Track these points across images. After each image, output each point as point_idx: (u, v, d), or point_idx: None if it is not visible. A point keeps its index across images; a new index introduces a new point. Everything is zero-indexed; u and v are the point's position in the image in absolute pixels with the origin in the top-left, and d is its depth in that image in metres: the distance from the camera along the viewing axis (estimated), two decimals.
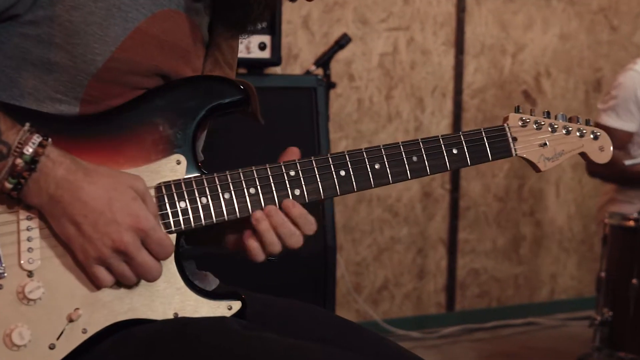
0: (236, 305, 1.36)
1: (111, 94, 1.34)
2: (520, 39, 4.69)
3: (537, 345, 4.40)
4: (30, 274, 1.27)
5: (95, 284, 1.28)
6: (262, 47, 2.93)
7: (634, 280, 3.08)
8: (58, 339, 1.27)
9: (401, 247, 4.49)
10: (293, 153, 1.42)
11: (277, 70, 3.50)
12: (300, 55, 4.16)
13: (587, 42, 4.88)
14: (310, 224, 1.38)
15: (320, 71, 3.43)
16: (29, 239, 1.27)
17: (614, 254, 3.23)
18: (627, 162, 3.20)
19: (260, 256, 1.38)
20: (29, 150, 1.23)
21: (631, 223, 3.15)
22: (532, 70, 4.74)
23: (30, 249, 1.27)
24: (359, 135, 4.32)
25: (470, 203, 4.67)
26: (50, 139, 1.25)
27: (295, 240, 1.38)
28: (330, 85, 3.39)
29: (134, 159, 1.33)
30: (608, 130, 2.37)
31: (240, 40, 1.55)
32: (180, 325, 1.31)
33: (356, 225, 4.35)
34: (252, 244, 1.37)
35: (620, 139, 3.45)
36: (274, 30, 2.95)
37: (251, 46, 2.92)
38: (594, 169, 3.59)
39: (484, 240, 4.72)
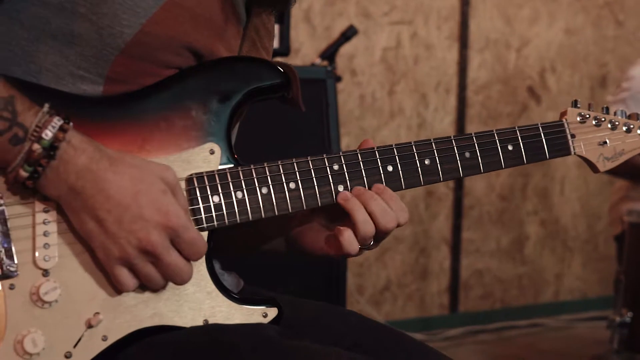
0: (272, 312, 1.24)
1: (139, 72, 1.21)
2: (525, 33, 4.59)
3: (543, 347, 4.32)
4: (45, 273, 1.14)
5: (119, 288, 1.15)
6: None
7: None
8: (75, 346, 1.14)
9: (404, 247, 4.38)
10: (367, 144, 1.31)
11: (285, 59, 3.38)
12: (301, 50, 4.04)
13: (592, 37, 4.79)
14: (403, 210, 1.27)
15: (325, 64, 3.31)
16: (45, 234, 1.14)
17: (633, 253, 3.13)
18: None
19: (353, 245, 1.24)
20: (48, 134, 1.09)
21: None
22: (537, 65, 4.65)
23: (46, 245, 1.13)
24: (361, 132, 4.20)
25: (474, 202, 4.57)
26: (71, 123, 1.11)
27: (390, 219, 1.25)
28: (337, 78, 3.27)
29: (163, 146, 1.20)
30: None
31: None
32: (214, 332, 1.18)
33: None
34: (344, 234, 1.23)
35: None
36: (283, 19, 2.82)
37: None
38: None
39: (487, 240, 4.63)
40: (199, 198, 1.20)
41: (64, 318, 1.14)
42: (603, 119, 1.43)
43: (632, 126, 1.45)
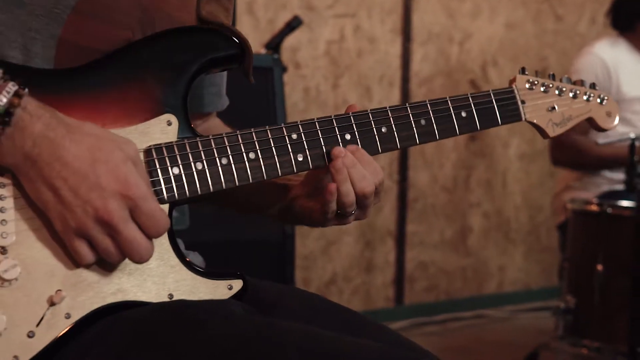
0: (237, 284, 1.21)
1: (90, 33, 1.18)
2: (467, 27, 4.63)
3: (487, 338, 4.36)
4: (3, 250, 1.09)
5: (77, 261, 1.11)
6: None
7: (599, 266, 3.02)
8: (38, 325, 1.10)
9: (350, 240, 4.38)
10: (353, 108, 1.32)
11: None
12: None
13: (533, 31, 4.86)
14: (378, 173, 1.28)
15: (270, 54, 3.28)
16: (1, 210, 1.09)
17: (577, 240, 3.17)
18: (601, 141, 3.14)
19: (333, 206, 1.26)
20: (2, 100, 1.04)
21: (594, 207, 3.09)
22: (478, 59, 4.69)
23: (3, 222, 1.09)
24: None
25: (418, 194, 4.59)
26: (27, 89, 1.07)
27: (366, 183, 1.25)
28: (284, 68, 3.25)
29: (120, 119, 1.16)
30: None
31: None
32: (180, 308, 1.14)
33: None
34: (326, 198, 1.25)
35: (583, 124, 3.38)
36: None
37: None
38: (559, 158, 3.51)
39: (431, 232, 4.65)
40: (159, 170, 1.17)
41: (25, 296, 1.09)
42: (550, 85, 1.44)
43: (577, 92, 1.47)
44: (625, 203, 3.05)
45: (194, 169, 1.19)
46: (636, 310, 2.90)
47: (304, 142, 1.25)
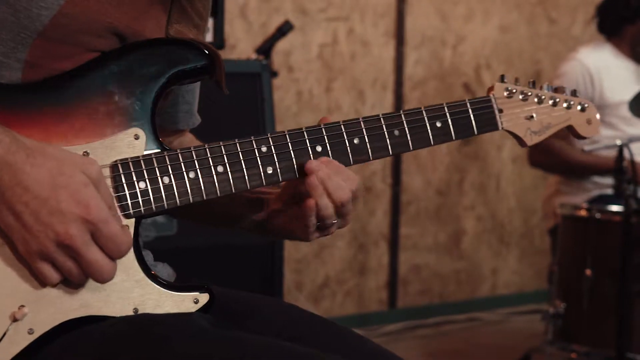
0: (203, 298, 1.21)
1: (59, 55, 1.17)
2: (461, 30, 4.63)
3: (481, 341, 4.36)
4: None
5: (42, 282, 1.12)
6: None
7: (588, 271, 3.03)
8: (0, 341, 1.10)
9: (342, 244, 4.38)
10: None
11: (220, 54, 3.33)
12: (237, 46, 4.01)
13: (526, 34, 4.85)
14: (352, 180, 1.27)
15: (261, 59, 3.28)
16: None
17: (566, 245, 3.18)
18: (587, 148, 3.15)
19: (313, 220, 1.25)
20: None
21: (583, 212, 3.09)
22: (472, 62, 4.69)
23: None
24: None
25: (412, 197, 4.59)
26: None
27: (343, 192, 1.25)
28: (273, 73, 3.25)
29: (86, 133, 1.16)
30: None
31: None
32: (144, 323, 1.15)
33: None
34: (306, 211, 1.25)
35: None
36: (216, 11, 2.79)
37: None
38: (536, 159, 3.54)
39: (425, 235, 4.65)
40: (125, 184, 1.17)
41: None
42: (529, 93, 1.43)
43: (557, 100, 1.45)
44: (614, 208, 3.06)
45: (160, 183, 1.19)
46: (624, 315, 2.91)
47: (274, 154, 1.25)
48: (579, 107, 1.47)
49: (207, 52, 1.24)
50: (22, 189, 1.07)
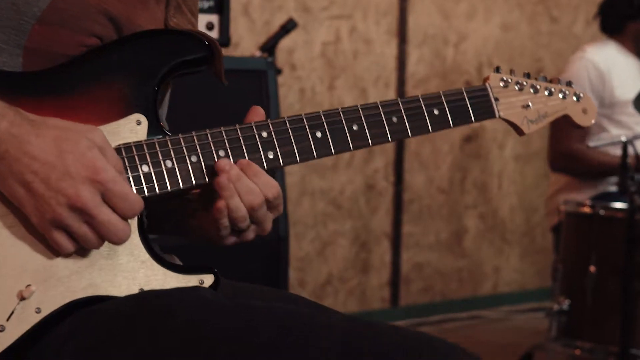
0: (208, 279, 1.22)
1: (58, 41, 1.19)
2: (463, 28, 4.64)
3: (483, 338, 4.36)
4: None
5: (54, 254, 1.13)
6: (209, 27, 2.78)
7: (592, 268, 3.03)
8: (8, 319, 1.11)
9: (345, 242, 4.39)
10: (258, 113, 1.29)
11: (225, 51, 3.34)
12: (241, 44, 4.02)
13: (528, 32, 4.86)
14: (270, 186, 1.22)
15: (265, 56, 3.29)
16: None
17: (570, 242, 3.18)
18: (591, 144, 3.14)
19: (224, 222, 1.21)
20: None
21: (587, 209, 3.09)
22: (474, 60, 4.70)
23: None
24: None
25: (414, 196, 4.60)
26: None
27: (254, 197, 1.20)
28: (278, 70, 3.26)
29: (88, 119, 1.17)
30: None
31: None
32: (148, 298, 1.16)
33: (299, 219, 4.23)
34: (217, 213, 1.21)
35: (581, 132, 3.38)
36: (222, 9, 2.79)
37: (198, 26, 2.76)
38: (558, 165, 3.47)
39: (427, 233, 4.66)
40: (128, 168, 1.18)
41: None
42: (525, 83, 1.45)
43: (553, 89, 1.47)
44: (617, 205, 3.06)
45: (163, 167, 1.20)
46: (628, 312, 2.91)
47: (274, 140, 1.26)
48: (574, 97, 1.49)
49: (207, 43, 1.26)
50: (29, 158, 1.09)
